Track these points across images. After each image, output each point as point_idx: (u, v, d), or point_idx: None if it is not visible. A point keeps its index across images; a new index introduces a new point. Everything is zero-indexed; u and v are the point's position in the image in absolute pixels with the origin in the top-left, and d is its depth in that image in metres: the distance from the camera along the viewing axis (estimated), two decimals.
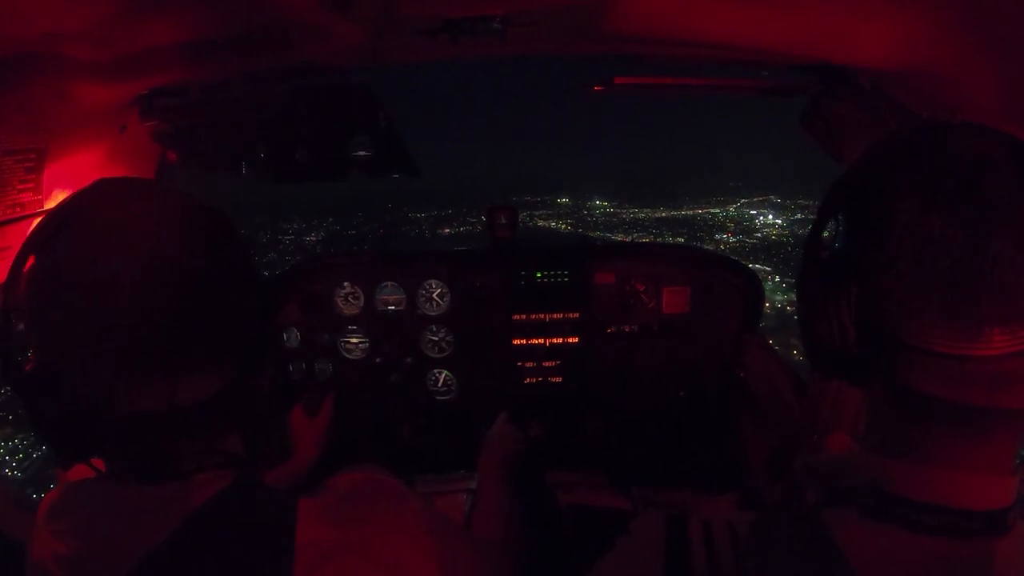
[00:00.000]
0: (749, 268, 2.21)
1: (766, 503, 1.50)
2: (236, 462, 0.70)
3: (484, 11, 1.08)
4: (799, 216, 52.88)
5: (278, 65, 1.33)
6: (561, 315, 2.23)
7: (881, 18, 0.95)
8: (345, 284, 2.21)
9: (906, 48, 0.98)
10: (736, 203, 68.80)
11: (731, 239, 53.76)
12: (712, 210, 69.07)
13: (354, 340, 2.24)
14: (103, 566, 0.61)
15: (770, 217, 59.28)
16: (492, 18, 1.10)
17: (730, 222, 61.94)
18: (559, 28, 1.20)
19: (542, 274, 2.20)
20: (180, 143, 1.56)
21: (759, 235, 53.73)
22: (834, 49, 1.13)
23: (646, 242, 9.52)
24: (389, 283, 2.21)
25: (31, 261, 0.61)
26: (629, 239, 26.93)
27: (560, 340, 2.25)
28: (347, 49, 1.23)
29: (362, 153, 1.76)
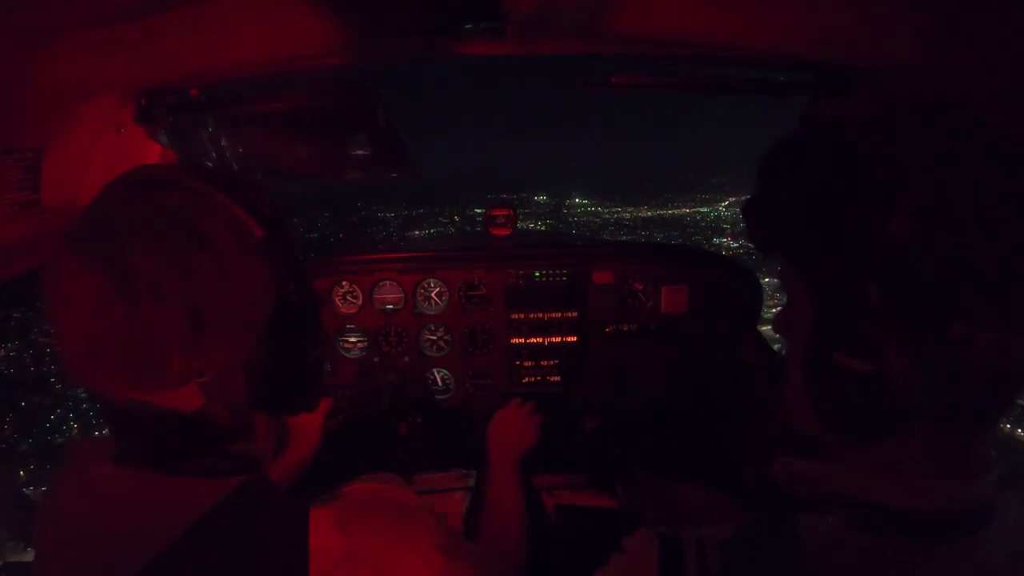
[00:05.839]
0: (749, 268, 2.33)
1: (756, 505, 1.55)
2: (250, 465, 0.77)
3: (484, 10, 1.13)
4: None
5: (276, 64, 1.40)
6: (559, 314, 2.34)
7: (881, 16, 1.01)
8: (343, 283, 2.30)
9: (906, 46, 1.02)
10: (724, 201, 68.00)
11: (732, 243, 50.22)
12: (701, 209, 68.12)
13: (352, 339, 2.34)
14: (120, 556, 0.67)
15: None
16: (492, 17, 1.15)
17: (725, 223, 60.08)
18: (559, 27, 1.23)
19: (540, 273, 2.31)
20: (177, 142, 1.63)
21: None
22: (834, 48, 1.19)
23: (644, 241, 9.64)
24: (387, 282, 2.31)
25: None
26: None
27: (558, 339, 2.36)
28: (344, 47, 1.30)
29: (361, 152, 1.86)
